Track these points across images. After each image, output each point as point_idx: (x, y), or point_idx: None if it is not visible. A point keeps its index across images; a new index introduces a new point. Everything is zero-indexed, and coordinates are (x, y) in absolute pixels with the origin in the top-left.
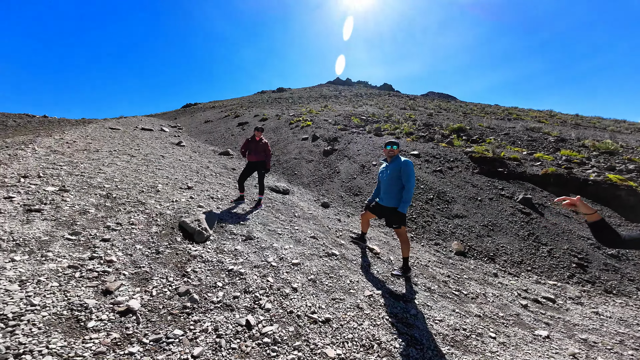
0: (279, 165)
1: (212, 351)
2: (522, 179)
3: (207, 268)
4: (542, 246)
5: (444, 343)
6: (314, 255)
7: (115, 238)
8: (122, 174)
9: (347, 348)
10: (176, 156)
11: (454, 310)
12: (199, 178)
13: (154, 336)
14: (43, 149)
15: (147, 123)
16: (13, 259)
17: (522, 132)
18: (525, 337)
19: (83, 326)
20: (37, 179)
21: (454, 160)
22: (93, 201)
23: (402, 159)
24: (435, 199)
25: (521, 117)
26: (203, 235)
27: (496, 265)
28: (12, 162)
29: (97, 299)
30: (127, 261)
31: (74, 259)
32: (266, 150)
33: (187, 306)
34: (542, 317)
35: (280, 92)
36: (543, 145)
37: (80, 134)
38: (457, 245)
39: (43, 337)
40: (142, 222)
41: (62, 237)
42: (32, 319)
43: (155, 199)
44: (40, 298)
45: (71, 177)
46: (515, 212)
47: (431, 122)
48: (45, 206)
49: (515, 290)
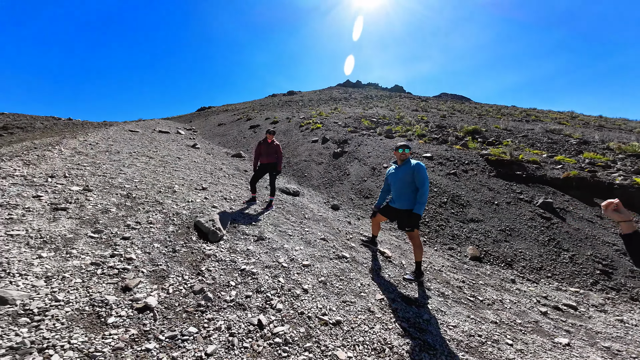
0: (289, 167)
1: (224, 350)
2: (542, 183)
3: (221, 267)
4: (564, 252)
5: (458, 349)
6: (324, 257)
7: (134, 236)
8: (141, 174)
9: (358, 351)
10: (191, 158)
11: (468, 316)
12: (213, 179)
13: (169, 333)
14: (68, 150)
15: (164, 126)
16: (40, 255)
17: (542, 134)
18: (544, 345)
19: (103, 322)
20: (63, 178)
21: (469, 163)
22: (114, 200)
23: (414, 162)
24: (449, 203)
25: (540, 118)
26: (217, 235)
27: (514, 271)
28: (41, 162)
29: (117, 295)
30: (146, 259)
31: (96, 256)
32: (277, 152)
33: (202, 304)
34: (563, 324)
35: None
36: (564, 148)
37: (103, 136)
38: (473, 250)
39: (65, 333)
40: (160, 221)
41: (85, 235)
42: (56, 314)
43: (172, 199)
44: (64, 294)
45: (94, 178)
46: (535, 216)
47: (444, 123)
48: (71, 205)
49: (534, 297)
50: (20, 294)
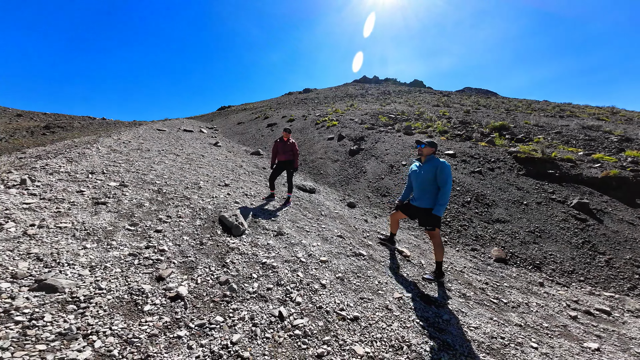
0: (305, 165)
1: (248, 339)
2: (578, 182)
3: (244, 260)
4: (599, 255)
5: (479, 350)
6: (341, 254)
7: (166, 229)
8: (169, 171)
9: (375, 347)
10: (214, 155)
11: (491, 318)
12: (234, 176)
13: (198, 321)
14: (105, 148)
15: (188, 125)
16: (85, 246)
17: (578, 130)
18: (571, 349)
19: (140, 309)
20: (101, 175)
21: (495, 161)
22: (147, 196)
23: (439, 160)
24: (473, 202)
25: (576, 114)
26: (239, 229)
27: (542, 274)
28: (81, 159)
29: (151, 284)
30: (176, 251)
31: (133, 248)
32: (294, 150)
33: (227, 295)
34: (594, 329)
35: (306, 93)
36: (604, 145)
37: (134, 135)
38: (498, 252)
39: (107, 319)
40: (188, 215)
41: (123, 228)
42: (99, 301)
43: (198, 194)
44: (106, 282)
45: (129, 174)
46: (568, 217)
47: (468, 119)
48: (109, 199)
49: (564, 300)
50: (69, 282)
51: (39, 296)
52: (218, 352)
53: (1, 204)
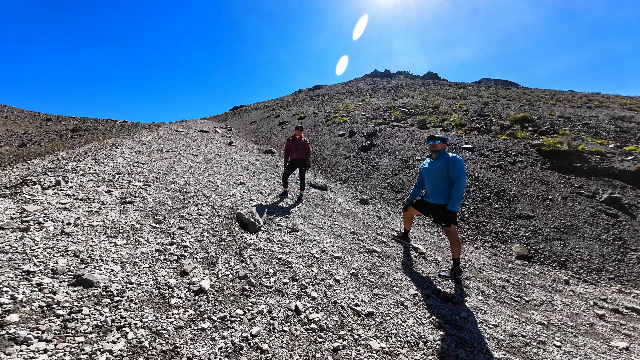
0: (316, 162)
1: (267, 332)
2: (608, 176)
3: (260, 255)
4: (631, 252)
5: (499, 348)
6: (354, 251)
7: (188, 227)
8: (188, 171)
9: (391, 342)
10: (229, 155)
11: (512, 316)
12: (248, 174)
13: (220, 314)
14: (128, 150)
15: (203, 125)
16: (116, 243)
17: (608, 121)
18: (597, 348)
19: (167, 303)
20: (127, 175)
21: (517, 155)
22: (169, 194)
23: (450, 155)
24: (493, 198)
25: (606, 104)
26: (256, 225)
27: (568, 272)
28: (108, 161)
29: (177, 279)
30: (198, 247)
31: (159, 244)
32: (306, 148)
33: (246, 289)
34: (622, 328)
35: (316, 90)
36: (637, 137)
37: (154, 136)
38: (520, 249)
39: (138, 312)
40: (207, 213)
41: (149, 225)
42: (131, 295)
43: (216, 192)
44: (136, 277)
45: (152, 174)
46: (597, 213)
47: (487, 112)
48: (135, 199)
49: (591, 299)
50: (103, 278)
51: (77, 290)
52: (239, 343)
53: (40, 204)
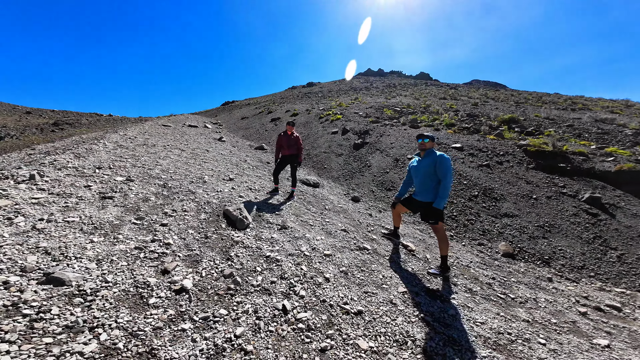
0: (308, 159)
1: (252, 332)
2: (590, 176)
3: (248, 253)
4: (611, 251)
5: (485, 346)
6: (345, 248)
7: (171, 223)
8: (175, 166)
9: (379, 342)
10: (218, 150)
11: (498, 314)
12: (238, 170)
13: (202, 314)
14: (111, 144)
15: (192, 120)
16: (92, 240)
17: (591, 123)
18: (580, 345)
19: (145, 302)
20: (108, 170)
21: (504, 154)
22: (153, 190)
23: (438, 153)
24: (480, 196)
25: (589, 107)
26: (244, 223)
27: (551, 270)
28: (89, 155)
29: (157, 278)
30: (182, 244)
31: (139, 241)
32: (298, 144)
33: (231, 288)
34: (604, 325)
35: (310, 87)
36: (617, 139)
37: (140, 131)
38: (505, 247)
39: (113, 312)
40: (193, 209)
41: (129, 222)
42: (106, 294)
43: (203, 188)
44: (112, 276)
45: (135, 169)
46: (579, 212)
47: (476, 112)
48: (116, 194)
49: (573, 296)
50: (76, 276)
51: (47, 289)
52: (222, 345)
53: (11, 199)
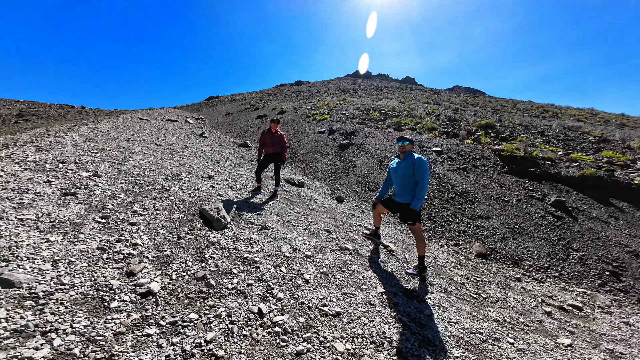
0: (294, 158)
1: (224, 337)
2: (556, 181)
3: (224, 255)
4: (574, 252)
5: (458, 346)
6: (327, 249)
7: (141, 222)
8: (149, 162)
9: (356, 343)
10: (199, 146)
11: (470, 313)
12: (219, 168)
13: (170, 319)
14: (79, 137)
15: (173, 114)
16: (48, 239)
17: (559, 130)
18: (546, 345)
19: (106, 306)
20: (73, 164)
21: (480, 158)
22: (122, 187)
23: (416, 155)
24: (457, 198)
25: (558, 114)
26: (221, 222)
27: (520, 270)
28: (53, 148)
29: (121, 280)
30: (151, 245)
31: (103, 241)
32: (282, 142)
33: (204, 291)
34: (567, 325)
35: (298, 86)
36: (582, 146)
37: (113, 124)
38: (479, 247)
39: (69, 316)
40: (166, 208)
41: (93, 220)
42: (61, 298)
43: (179, 186)
44: (69, 278)
45: (104, 164)
46: (546, 215)
47: (456, 117)
48: (80, 190)
49: (540, 296)
50: (27, 277)
51: None
52: (190, 350)
53: None
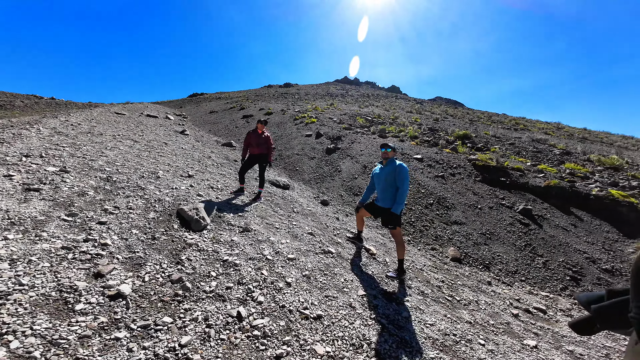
0: (280, 160)
1: (200, 341)
2: (524, 190)
3: (202, 257)
4: (538, 257)
5: (434, 347)
6: (310, 252)
7: (111, 222)
8: (124, 158)
9: (336, 346)
10: (179, 144)
11: (445, 315)
12: (200, 167)
13: (142, 322)
14: (47, 130)
15: (152, 110)
16: (6, 237)
17: (528, 142)
18: (513, 346)
19: (70, 308)
20: (39, 158)
21: (456, 167)
22: (92, 183)
23: (397, 162)
24: (435, 205)
25: (528, 127)
26: (200, 224)
27: (490, 274)
28: (16, 141)
29: (87, 281)
30: (122, 245)
31: (68, 240)
32: (268, 144)
33: (179, 294)
34: (532, 327)
35: (287, 87)
36: (548, 157)
37: (86, 117)
38: (454, 252)
39: (28, 318)
40: (141, 207)
41: (58, 218)
42: (19, 298)
43: (155, 185)
44: (29, 278)
45: (73, 159)
46: (514, 222)
47: (437, 127)
48: (45, 186)
49: (508, 299)
50: None
51: None
52: (163, 355)
53: None
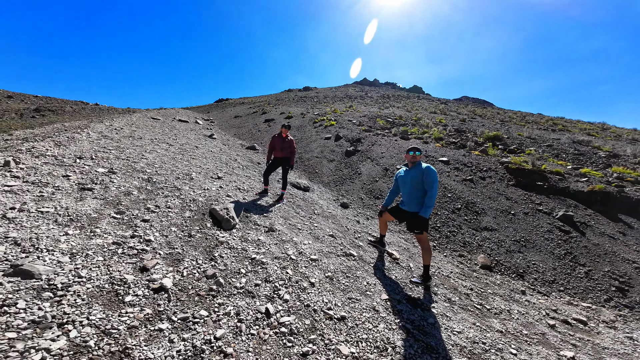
0: (300, 162)
1: (232, 334)
2: (564, 195)
3: (233, 254)
4: (580, 267)
5: (461, 354)
6: (331, 254)
7: (153, 219)
8: (161, 160)
9: (361, 347)
10: (208, 147)
11: (474, 324)
12: (227, 169)
13: (182, 315)
14: (95, 134)
15: (183, 115)
16: (67, 232)
17: (568, 144)
18: (548, 357)
19: (121, 300)
20: (90, 160)
21: (487, 170)
22: (136, 184)
23: (424, 165)
24: (463, 209)
25: (568, 128)
26: (230, 223)
27: (525, 283)
28: (70, 144)
29: (135, 275)
30: (163, 242)
31: (118, 236)
32: (291, 147)
33: (213, 289)
34: (570, 338)
35: (306, 91)
36: (592, 160)
37: (127, 122)
38: (484, 259)
39: (85, 309)
40: (177, 206)
41: (108, 215)
42: (78, 290)
43: (190, 185)
44: (86, 271)
45: (118, 161)
46: (553, 229)
47: (464, 128)
48: (96, 186)
49: (544, 309)
50: (46, 269)
51: (14, 282)
52: (200, 346)
53: None
